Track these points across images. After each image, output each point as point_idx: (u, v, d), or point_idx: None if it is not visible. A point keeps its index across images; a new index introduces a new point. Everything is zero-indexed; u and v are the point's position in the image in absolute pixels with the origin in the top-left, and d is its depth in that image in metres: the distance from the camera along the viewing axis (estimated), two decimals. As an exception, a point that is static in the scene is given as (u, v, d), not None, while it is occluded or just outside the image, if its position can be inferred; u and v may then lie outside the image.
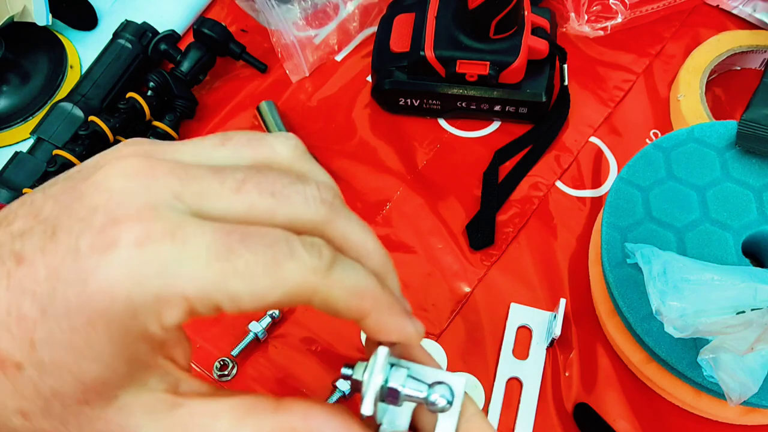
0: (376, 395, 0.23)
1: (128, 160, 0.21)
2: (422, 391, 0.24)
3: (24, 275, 0.21)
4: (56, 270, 0.20)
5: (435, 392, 0.24)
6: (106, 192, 0.21)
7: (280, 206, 0.22)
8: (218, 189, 0.21)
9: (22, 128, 0.59)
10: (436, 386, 0.24)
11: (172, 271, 0.20)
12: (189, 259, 0.20)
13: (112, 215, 0.20)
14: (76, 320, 0.20)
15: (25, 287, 0.21)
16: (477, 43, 0.52)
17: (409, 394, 0.24)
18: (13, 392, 0.21)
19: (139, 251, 0.20)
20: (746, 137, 0.48)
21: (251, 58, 0.60)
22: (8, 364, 0.21)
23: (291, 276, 0.21)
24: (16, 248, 0.21)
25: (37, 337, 0.21)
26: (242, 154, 0.23)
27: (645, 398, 0.46)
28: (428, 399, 0.24)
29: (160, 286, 0.20)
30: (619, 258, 0.45)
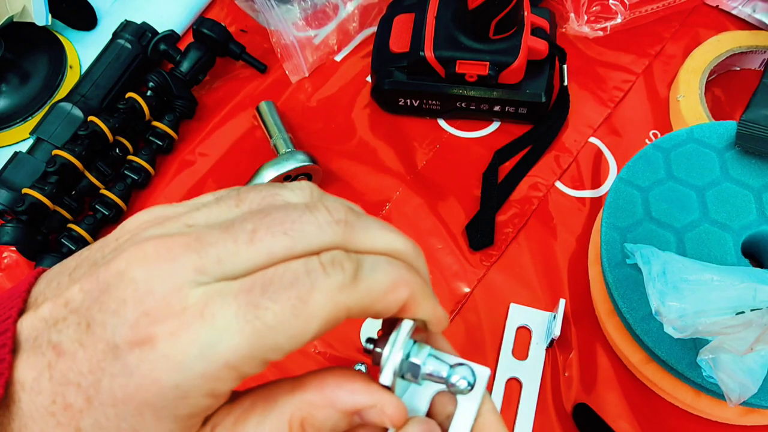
0: (396, 367, 0.23)
1: (145, 246, 0.22)
2: (443, 370, 0.24)
3: (66, 367, 0.22)
4: (98, 363, 0.21)
5: (456, 373, 0.24)
6: (131, 283, 0.21)
7: (296, 242, 0.22)
8: (234, 248, 0.22)
9: (22, 128, 0.58)
10: (458, 367, 0.24)
11: (210, 350, 0.20)
12: (222, 334, 0.21)
13: (142, 308, 0.21)
14: (123, 409, 0.21)
15: (69, 378, 0.22)
16: (477, 44, 0.52)
17: (430, 372, 0.24)
18: None
19: (176, 341, 0.21)
20: (746, 138, 0.48)
21: (251, 58, 0.60)
22: None
23: (320, 307, 0.21)
24: (54, 339, 0.22)
25: (84, 425, 0.21)
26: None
27: (644, 398, 0.46)
28: (449, 379, 0.24)
29: (204, 366, 0.20)
30: (618, 258, 0.45)
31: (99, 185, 0.54)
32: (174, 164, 0.57)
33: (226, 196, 0.24)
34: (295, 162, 0.51)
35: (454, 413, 0.25)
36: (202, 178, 0.56)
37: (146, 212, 0.24)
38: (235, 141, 0.58)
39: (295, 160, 0.52)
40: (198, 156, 0.57)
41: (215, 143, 0.58)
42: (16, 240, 0.49)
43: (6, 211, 0.52)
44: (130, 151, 0.56)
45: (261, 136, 0.58)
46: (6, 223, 0.50)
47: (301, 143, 0.57)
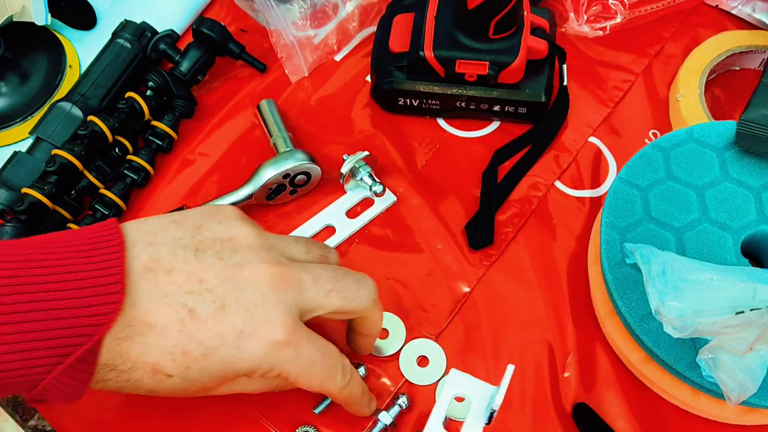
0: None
1: (272, 269, 0.36)
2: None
3: (196, 329, 0.34)
4: (222, 336, 0.34)
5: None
6: (261, 296, 0.35)
7: (349, 304, 0.39)
8: (316, 296, 0.37)
9: (21, 128, 0.58)
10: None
11: (287, 365, 0.36)
12: (300, 359, 0.36)
13: (266, 317, 0.35)
14: (226, 367, 0.35)
15: (195, 336, 0.34)
16: (476, 43, 0.52)
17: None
18: (152, 386, 0.35)
19: (277, 348, 0.35)
20: (745, 137, 0.48)
21: (250, 57, 0.60)
22: (161, 373, 0.34)
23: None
24: (189, 304, 0.34)
25: (194, 366, 0.35)
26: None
27: (644, 398, 0.46)
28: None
29: (281, 370, 0.36)
30: (618, 258, 0.45)
31: (99, 185, 0.54)
32: (174, 164, 0.57)
33: (311, 245, 0.42)
34: (294, 161, 0.51)
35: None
36: (202, 178, 0.56)
37: (244, 224, 0.38)
38: (234, 140, 0.58)
39: (294, 159, 0.52)
40: (198, 156, 0.57)
41: (215, 143, 0.58)
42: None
43: (5, 210, 0.52)
44: (130, 150, 0.56)
45: (261, 135, 0.58)
46: (5, 223, 0.50)
47: (300, 143, 0.57)
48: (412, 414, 0.46)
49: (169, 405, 0.46)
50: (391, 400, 0.46)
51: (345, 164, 0.52)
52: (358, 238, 0.53)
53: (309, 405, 0.46)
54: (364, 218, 0.53)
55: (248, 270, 0.36)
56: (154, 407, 0.46)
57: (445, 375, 0.47)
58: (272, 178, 0.51)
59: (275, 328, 0.35)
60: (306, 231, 0.53)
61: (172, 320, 0.34)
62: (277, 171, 0.51)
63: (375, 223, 0.54)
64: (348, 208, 0.54)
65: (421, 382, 0.47)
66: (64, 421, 0.46)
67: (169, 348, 0.34)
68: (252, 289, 0.35)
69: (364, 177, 0.52)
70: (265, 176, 0.51)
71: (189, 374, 0.35)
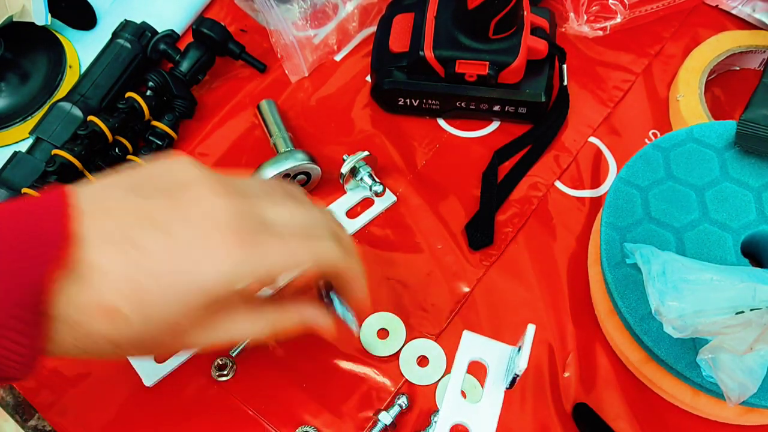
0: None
1: (208, 180, 0.34)
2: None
3: (141, 258, 0.31)
4: (173, 258, 0.31)
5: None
6: (212, 220, 0.32)
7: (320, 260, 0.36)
8: (271, 210, 0.35)
9: (21, 128, 0.58)
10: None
11: (256, 265, 0.33)
12: (272, 253, 0.33)
13: (219, 231, 0.32)
14: (185, 290, 0.31)
15: (141, 265, 0.31)
16: (476, 43, 0.52)
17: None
18: (114, 337, 0.31)
19: (239, 252, 0.32)
20: (745, 137, 0.48)
21: (250, 57, 0.60)
22: (118, 316, 0.31)
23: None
24: (134, 237, 0.31)
25: (148, 299, 0.31)
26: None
27: (644, 398, 0.46)
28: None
29: (251, 273, 0.33)
30: (618, 258, 0.45)
31: (98, 185, 0.54)
32: (173, 164, 0.57)
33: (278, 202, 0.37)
34: (294, 161, 0.51)
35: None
36: (201, 178, 0.56)
37: (195, 167, 0.36)
38: (234, 140, 0.58)
39: (294, 159, 0.52)
40: (198, 156, 0.57)
41: (215, 143, 0.58)
42: (16, 240, 0.49)
43: (5, 210, 0.52)
44: (130, 150, 0.56)
45: (261, 135, 0.58)
46: (5, 223, 0.50)
47: (300, 143, 0.57)
48: (412, 414, 0.46)
49: (169, 405, 0.46)
50: (391, 400, 0.46)
51: (345, 164, 0.52)
52: (358, 238, 0.53)
53: (309, 405, 0.46)
54: (364, 218, 0.53)
55: (199, 202, 0.33)
56: (155, 408, 0.46)
57: (445, 375, 0.47)
58: (272, 178, 0.51)
59: (229, 235, 0.32)
60: (306, 231, 0.53)
61: (117, 256, 0.31)
62: (277, 171, 0.51)
63: (375, 223, 0.54)
64: (348, 208, 0.54)
65: (421, 382, 0.47)
66: (64, 421, 0.46)
67: (117, 284, 0.31)
68: (200, 214, 0.32)
69: (364, 177, 0.52)
70: (265, 176, 0.51)
71: (147, 311, 0.31)
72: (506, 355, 0.38)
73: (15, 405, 0.47)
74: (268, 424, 0.46)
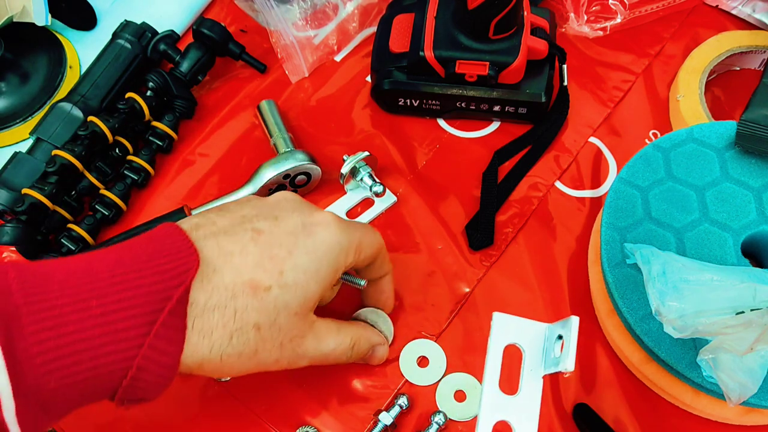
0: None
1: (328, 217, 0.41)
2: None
3: (268, 238, 0.37)
4: (292, 231, 0.38)
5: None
6: (309, 209, 0.41)
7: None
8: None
9: (22, 128, 0.58)
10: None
11: (361, 235, 0.41)
12: (356, 233, 0.41)
13: (319, 215, 0.40)
14: (312, 257, 0.37)
15: (271, 242, 0.37)
16: (476, 44, 0.52)
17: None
18: (258, 309, 0.35)
19: (342, 227, 0.40)
20: (746, 137, 0.48)
21: (250, 58, 0.60)
22: (260, 288, 0.35)
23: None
24: (251, 226, 0.37)
25: (285, 267, 0.36)
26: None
27: (644, 398, 0.46)
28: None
29: (359, 242, 0.40)
30: (618, 258, 0.45)
31: (99, 185, 0.54)
32: (174, 164, 0.57)
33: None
34: (294, 161, 0.51)
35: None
36: (202, 178, 0.56)
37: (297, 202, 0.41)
38: (234, 141, 0.58)
39: (294, 159, 0.52)
40: (198, 156, 0.57)
41: (215, 143, 0.58)
42: (16, 240, 0.49)
43: (6, 211, 0.52)
44: (130, 151, 0.56)
45: (261, 135, 0.58)
46: (6, 223, 0.50)
47: (300, 143, 0.57)
48: (412, 414, 0.46)
49: (169, 405, 0.46)
50: (391, 400, 0.46)
51: (345, 164, 0.52)
52: (359, 238, 0.53)
53: (309, 405, 0.46)
54: (365, 218, 0.53)
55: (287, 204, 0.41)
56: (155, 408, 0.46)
57: (445, 375, 0.47)
58: (272, 179, 0.51)
59: (329, 217, 0.39)
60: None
61: (245, 242, 0.36)
62: (278, 171, 0.51)
63: (375, 224, 0.54)
64: (348, 209, 0.54)
65: (421, 382, 0.47)
66: (63, 423, 0.46)
67: (256, 260, 0.36)
68: (302, 208, 0.40)
69: (364, 177, 0.52)
70: (266, 176, 0.51)
71: (285, 279, 0.36)
72: (541, 335, 0.34)
73: (15, 405, 0.47)
74: (269, 424, 0.46)
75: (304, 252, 0.37)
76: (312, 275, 0.37)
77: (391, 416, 0.44)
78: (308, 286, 0.37)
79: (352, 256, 0.40)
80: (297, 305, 0.37)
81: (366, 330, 0.45)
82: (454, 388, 0.46)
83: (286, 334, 0.37)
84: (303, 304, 0.37)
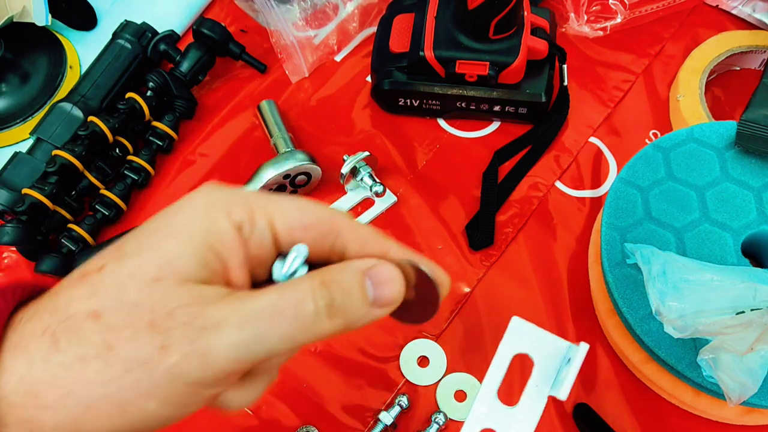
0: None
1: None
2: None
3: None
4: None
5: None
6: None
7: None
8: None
9: (22, 128, 0.58)
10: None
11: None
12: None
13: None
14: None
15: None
16: (476, 44, 0.52)
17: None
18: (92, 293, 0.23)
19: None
20: (746, 137, 0.48)
21: (251, 58, 0.60)
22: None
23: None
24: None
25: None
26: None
27: (644, 398, 0.46)
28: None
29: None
30: (618, 258, 0.45)
31: (99, 185, 0.54)
32: (174, 164, 0.57)
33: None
34: (294, 161, 0.51)
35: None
36: (202, 178, 0.56)
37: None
38: (235, 141, 0.58)
39: (294, 159, 0.52)
40: (198, 156, 0.57)
41: (215, 143, 0.58)
42: (16, 240, 0.49)
43: (6, 211, 0.52)
44: (130, 151, 0.56)
45: (261, 135, 0.58)
46: (6, 224, 0.50)
47: (300, 143, 0.57)
48: (412, 414, 0.46)
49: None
50: (392, 400, 0.46)
51: (345, 165, 0.52)
52: (359, 238, 0.53)
53: (309, 405, 0.46)
54: (365, 219, 0.53)
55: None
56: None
57: (445, 375, 0.47)
58: (273, 179, 0.51)
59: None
60: (306, 231, 0.53)
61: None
62: (278, 171, 0.51)
63: (375, 224, 0.54)
64: (348, 209, 0.54)
65: (421, 382, 0.47)
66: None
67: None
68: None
69: (364, 177, 0.52)
70: (266, 177, 0.51)
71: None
72: (559, 353, 0.31)
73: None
74: (269, 424, 0.46)
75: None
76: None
77: (391, 416, 0.44)
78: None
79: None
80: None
81: (340, 267, 0.26)
82: (454, 388, 0.46)
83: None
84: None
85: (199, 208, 0.25)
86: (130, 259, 0.23)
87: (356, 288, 0.25)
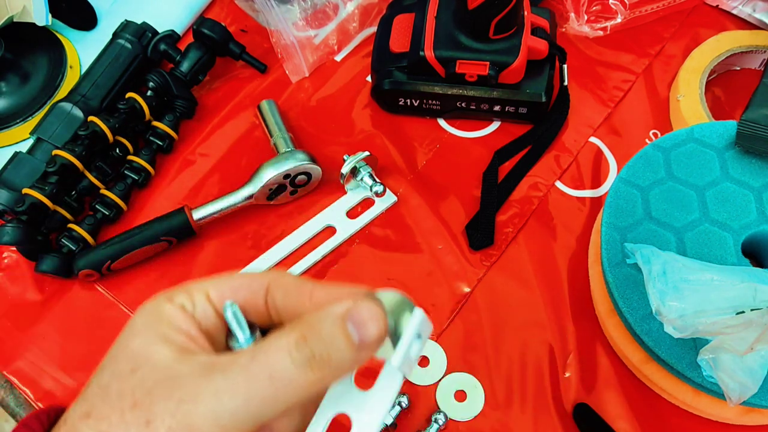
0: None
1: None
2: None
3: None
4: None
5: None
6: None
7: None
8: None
9: (22, 128, 0.58)
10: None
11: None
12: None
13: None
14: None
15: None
16: (477, 43, 0.52)
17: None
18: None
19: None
20: (746, 137, 0.48)
21: (251, 58, 0.60)
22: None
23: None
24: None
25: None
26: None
27: (644, 398, 0.46)
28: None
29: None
30: (618, 258, 0.45)
31: (99, 185, 0.54)
32: (174, 164, 0.57)
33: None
34: (294, 161, 0.51)
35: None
36: (202, 178, 0.56)
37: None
38: (235, 141, 0.58)
39: (294, 159, 0.52)
40: (198, 156, 0.57)
41: (215, 143, 0.58)
42: (17, 240, 0.49)
43: (6, 211, 0.52)
44: (130, 151, 0.56)
45: (261, 135, 0.58)
46: (6, 224, 0.50)
47: (301, 143, 0.57)
48: (412, 414, 0.46)
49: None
50: (392, 400, 0.46)
51: (345, 164, 0.52)
52: (359, 238, 0.53)
53: (309, 405, 0.46)
54: (365, 218, 0.53)
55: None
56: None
57: (445, 375, 0.47)
58: (273, 179, 0.51)
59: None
60: (306, 231, 0.53)
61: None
62: (278, 171, 0.51)
63: (375, 224, 0.54)
64: (348, 209, 0.54)
65: (421, 382, 0.47)
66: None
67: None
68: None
69: (364, 177, 0.52)
70: (266, 176, 0.51)
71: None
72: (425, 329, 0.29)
73: (16, 406, 0.47)
74: (269, 425, 0.46)
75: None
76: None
77: (391, 416, 0.44)
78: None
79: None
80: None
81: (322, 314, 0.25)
82: (454, 387, 0.46)
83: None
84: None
85: (146, 307, 0.27)
86: (107, 367, 0.26)
87: (338, 334, 0.25)
